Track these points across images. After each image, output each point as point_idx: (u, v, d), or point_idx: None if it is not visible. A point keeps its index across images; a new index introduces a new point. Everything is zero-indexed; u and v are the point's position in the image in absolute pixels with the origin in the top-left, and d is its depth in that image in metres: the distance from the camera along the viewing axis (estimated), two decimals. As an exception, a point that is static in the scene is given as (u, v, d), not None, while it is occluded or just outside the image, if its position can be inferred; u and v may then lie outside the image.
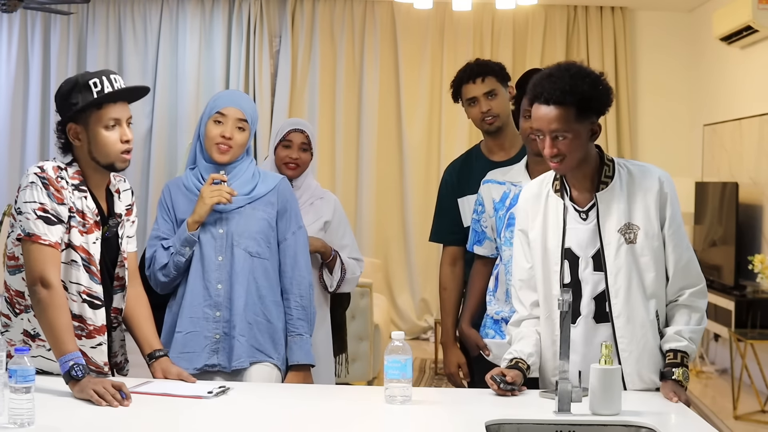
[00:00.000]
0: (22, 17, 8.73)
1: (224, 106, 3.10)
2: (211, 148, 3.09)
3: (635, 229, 2.70)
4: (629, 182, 2.74)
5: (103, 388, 2.50)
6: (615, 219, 2.71)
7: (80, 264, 2.72)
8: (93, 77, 2.71)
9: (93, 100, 2.69)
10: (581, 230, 2.74)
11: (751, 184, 6.96)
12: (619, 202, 2.71)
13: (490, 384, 2.68)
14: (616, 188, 2.72)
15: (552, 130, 2.64)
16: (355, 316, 6.00)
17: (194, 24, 8.78)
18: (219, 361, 3.01)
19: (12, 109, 8.78)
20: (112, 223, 2.81)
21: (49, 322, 2.60)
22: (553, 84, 2.64)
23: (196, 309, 3.03)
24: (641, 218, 2.71)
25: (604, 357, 2.49)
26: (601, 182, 2.73)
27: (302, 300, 3.10)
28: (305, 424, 2.45)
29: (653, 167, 2.80)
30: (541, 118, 2.65)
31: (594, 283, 2.72)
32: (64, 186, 2.71)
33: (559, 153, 2.65)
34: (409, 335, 8.58)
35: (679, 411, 2.60)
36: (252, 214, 3.08)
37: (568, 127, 2.64)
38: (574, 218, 2.75)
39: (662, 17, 8.73)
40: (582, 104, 2.64)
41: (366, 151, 8.76)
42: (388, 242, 8.85)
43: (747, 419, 5.96)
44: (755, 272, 6.10)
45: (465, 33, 8.74)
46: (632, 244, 2.70)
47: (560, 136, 2.64)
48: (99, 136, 2.72)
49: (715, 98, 7.99)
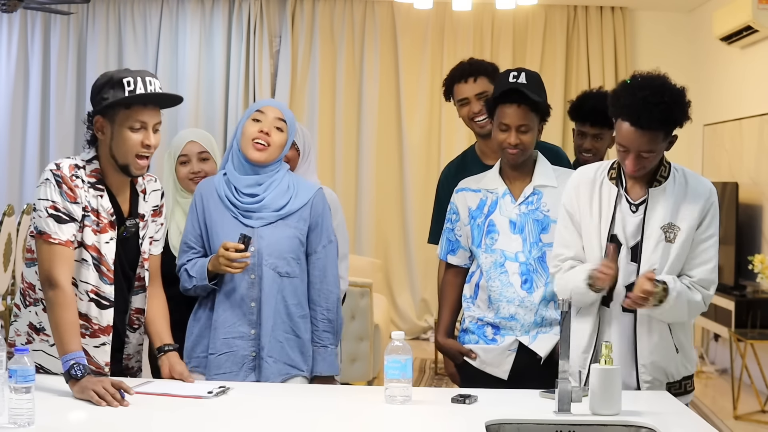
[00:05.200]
0: (22, 17, 8.73)
1: (264, 105, 3.09)
2: (247, 146, 3.02)
3: (676, 229, 2.81)
4: (682, 185, 2.86)
5: (102, 388, 2.50)
6: (660, 216, 2.81)
7: (90, 263, 2.72)
8: (128, 76, 2.70)
9: (122, 99, 2.69)
10: (629, 221, 2.85)
11: (751, 184, 6.96)
12: (668, 200, 2.82)
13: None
14: (668, 188, 2.84)
15: (641, 151, 2.75)
16: (355, 316, 6.00)
17: (194, 24, 8.78)
18: (257, 378, 2.99)
19: (12, 109, 8.78)
20: (129, 223, 2.80)
21: (55, 320, 2.62)
22: (650, 111, 2.71)
23: (229, 329, 2.99)
24: (685, 220, 2.81)
25: (604, 357, 2.50)
26: (656, 180, 2.85)
27: (329, 313, 3.07)
28: (305, 424, 2.45)
29: (705, 178, 2.94)
30: (633, 139, 2.74)
31: (628, 272, 2.82)
32: (79, 185, 2.71)
33: (642, 167, 2.77)
34: (409, 335, 8.58)
35: (679, 411, 2.60)
36: (283, 232, 3.02)
37: (656, 147, 2.76)
38: (625, 208, 2.85)
39: (662, 17, 8.73)
40: (670, 129, 2.77)
41: (366, 151, 8.76)
42: (388, 242, 8.85)
43: (747, 419, 5.96)
44: (755, 272, 6.09)
45: (465, 33, 8.74)
46: (670, 243, 2.80)
47: (646, 155, 2.75)
48: (122, 134, 2.71)
49: (715, 98, 7.99)
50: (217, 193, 3.05)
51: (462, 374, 3.35)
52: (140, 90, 2.69)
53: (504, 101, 3.14)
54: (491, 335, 3.20)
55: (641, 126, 2.71)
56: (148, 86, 2.71)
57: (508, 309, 3.14)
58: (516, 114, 3.11)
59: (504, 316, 3.16)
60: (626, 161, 2.78)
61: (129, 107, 2.70)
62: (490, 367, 3.19)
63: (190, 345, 3.02)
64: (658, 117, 2.71)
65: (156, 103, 2.76)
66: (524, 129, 3.12)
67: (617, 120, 2.78)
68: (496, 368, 3.18)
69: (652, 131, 2.72)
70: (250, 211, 3.02)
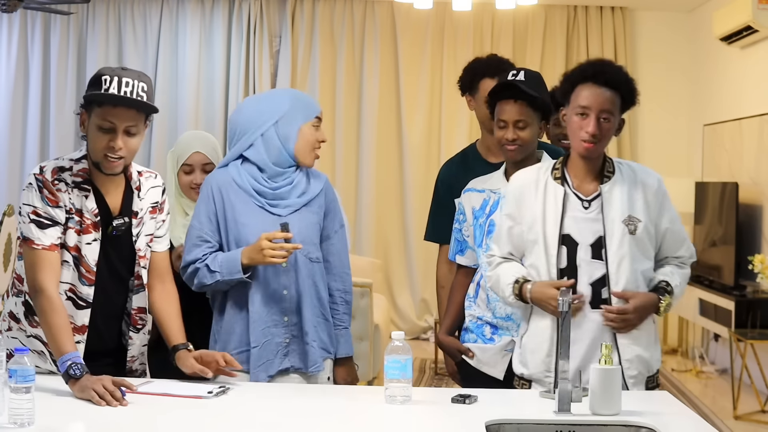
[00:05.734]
0: (22, 17, 8.73)
1: (320, 111, 3.11)
2: (307, 152, 3.05)
3: (636, 221, 2.81)
4: (631, 177, 2.86)
5: (102, 387, 2.50)
6: (618, 209, 2.81)
7: (71, 263, 2.72)
8: (107, 74, 2.65)
9: (91, 95, 2.65)
10: (581, 218, 2.83)
11: (751, 184, 6.96)
12: (622, 193, 2.83)
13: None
14: (618, 181, 2.85)
15: (602, 110, 2.77)
16: (355, 316, 5.97)
17: (194, 24, 8.78)
18: (291, 363, 3.03)
19: (12, 109, 8.78)
20: (117, 222, 2.77)
21: (47, 326, 2.63)
22: (613, 70, 2.81)
23: (266, 320, 3.01)
24: (642, 211, 2.83)
25: (604, 357, 2.50)
26: (605, 176, 2.85)
27: (347, 295, 3.17)
28: (305, 424, 2.45)
29: (650, 169, 2.96)
30: (595, 96, 2.77)
31: (592, 269, 2.80)
32: (62, 188, 2.69)
33: (599, 134, 2.77)
34: (409, 335, 8.58)
35: (679, 411, 2.60)
36: (308, 218, 3.06)
37: (615, 111, 2.79)
38: (576, 206, 2.83)
39: (662, 17, 8.73)
40: (627, 97, 2.81)
41: (366, 151, 8.76)
42: (388, 242, 8.85)
43: (747, 419, 5.97)
44: (755, 272, 6.09)
45: (465, 33, 8.74)
46: (633, 235, 2.80)
47: (605, 119, 2.77)
48: (92, 133, 2.68)
49: (715, 98, 7.99)
50: (237, 183, 3.03)
51: (461, 373, 3.36)
52: (113, 90, 2.62)
53: (501, 98, 3.15)
54: (489, 335, 3.21)
55: (605, 82, 2.77)
56: (123, 87, 2.63)
57: (505, 309, 3.15)
58: (513, 110, 3.12)
59: (501, 316, 3.17)
60: (586, 128, 2.76)
61: (101, 105, 2.65)
62: (486, 367, 3.20)
63: (222, 345, 3.00)
64: (616, 74, 2.79)
65: (130, 106, 2.66)
66: (522, 125, 3.12)
67: (574, 90, 2.81)
68: (492, 368, 3.19)
69: (612, 91, 2.77)
70: (277, 199, 3.03)
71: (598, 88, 2.77)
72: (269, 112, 3.04)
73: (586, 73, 2.81)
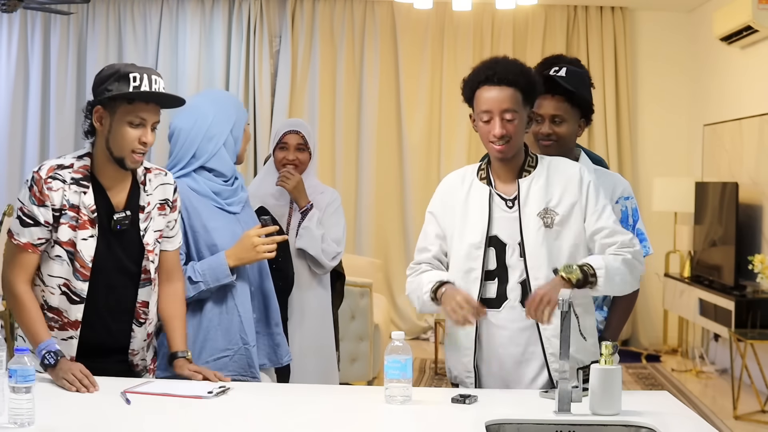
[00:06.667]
0: (22, 17, 8.73)
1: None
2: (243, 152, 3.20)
3: (552, 214, 2.79)
4: (550, 170, 2.84)
5: (72, 375, 2.59)
6: (534, 204, 2.80)
7: (64, 259, 2.74)
8: (135, 71, 2.72)
9: (126, 93, 2.69)
10: (507, 218, 2.81)
11: (751, 184, 6.96)
12: (539, 188, 2.81)
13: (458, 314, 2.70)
14: (536, 175, 2.83)
15: (503, 110, 2.74)
16: (355, 316, 6.00)
17: (194, 24, 8.78)
18: (260, 360, 3.13)
19: (12, 109, 8.77)
20: (118, 216, 2.78)
21: (21, 321, 2.75)
22: (505, 67, 2.76)
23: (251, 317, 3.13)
24: (560, 203, 2.79)
25: (604, 357, 2.50)
26: (524, 170, 2.84)
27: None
28: (305, 424, 2.45)
29: (575, 163, 2.90)
30: (493, 98, 2.75)
31: (520, 269, 2.79)
32: (54, 186, 2.71)
33: (507, 134, 2.75)
34: (409, 335, 8.58)
35: (679, 411, 2.60)
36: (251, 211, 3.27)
37: (518, 108, 2.76)
38: (500, 207, 2.82)
39: (662, 17, 8.73)
40: (528, 88, 2.78)
41: (366, 151, 8.76)
42: (388, 242, 8.85)
43: (747, 419, 5.97)
44: (755, 272, 6.09)
45: (465, 33, 8.74)
46: (549, 228, 2.78)
47: (510, 118, 2.74)
48: (121, 128, 2.72)
49: (715, 98, 7.99)
50: (196, 190, 3.07)
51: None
52: (145, 87, 2.71)
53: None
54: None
55: (499, 81, 2.74)
56: (153, 84, 2.73)
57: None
58: (550, 104, 3.04)
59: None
60: (493, 131, 2.74)
61: (131, 102, 2.72)
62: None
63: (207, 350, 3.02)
64: (513, 71, 2.75)
65: (158, 102, 2.78)
66: (558, 120, 3.05)
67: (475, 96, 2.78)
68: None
69: (510, 88, 2.74)
70: (231, 197, 3.09)
71: (494, 89, 2.74)
72: (225, 120, 3.08)
73: (479, 76, 2.78)
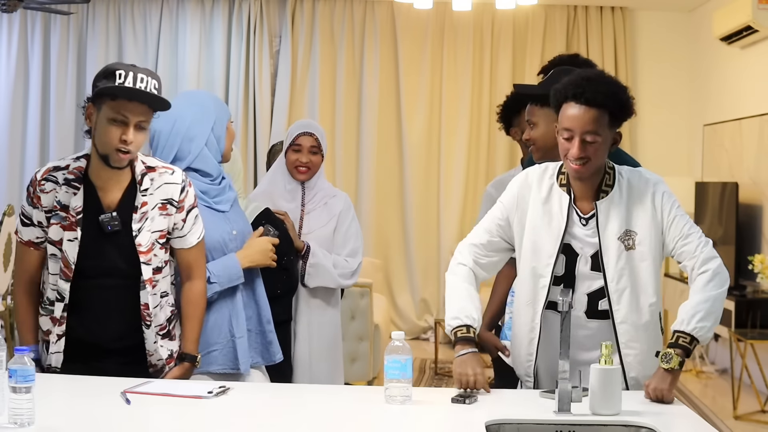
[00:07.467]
0: (22, 17, 8.73)
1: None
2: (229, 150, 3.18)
3: (633, 235, 2.73)
4: (627, 190, 2.76)
5: None
6: (614, 227, 2.73)
7: (58, 258, 2.79)
8: (122, 68, 2.71)
9: (107, 88, 2.69)
10: (582, 233, 2.76)
11: (751, 184, 6.96)
12: (618, 210, 2.73)
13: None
14: (615, 197, 2.75)
15: (585, 131, 2.64)
16: (355, 316, 6.00)
17: (194, 24, 8.78)
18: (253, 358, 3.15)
19: (12, 109, 8.77)
20: (104, 217, 2.76)
21: (15, 321, 2.88)
22: (595, 87, 2.64)
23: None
24: (639, 225, 2.74)
25: (604, 357, 2.50)
26: (602, 191, 2.75)
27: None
28: (305, 423, 2.45)
29: (645, 171, 2.82)
30: (576, 117, 2.64)
31: (590, 281, 2.75)
32: (47, 188, 2.76)
33: (586, 156, 2.66)
34: (409, 335, 8.58)
35: (679, 411, 2.60)
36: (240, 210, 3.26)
37: (601, 131, 2.65)
38: (576, 221, 2.77)
39: (662, 17, 8.73)
40: (617, 111, 2.67)
41: (366, 151, 8.76)
42: (388, 242, 8.85)
43: (747, 419, 5.97)
44: (755, 272, 6.10)
45: (465, 33, 8.74)
46: (632, 250, 2.73)
47: (591, 140, 2.64)
48: (103, 125, 2.72)
49: (715, 98, 7.99)
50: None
51: (496, 368, 3.39)
52: (129, 84, 2.69)
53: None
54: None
55: (586, 101, 2.62)
56: (138, 82, 2.70)
57: None
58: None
59: None
60: (571, 150, 2.65)
61: (114, 99, 2.70)
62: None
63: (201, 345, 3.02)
64: (602, 91, 2.63)
65: (143, 100, 2.72)
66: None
67: (561, 108, 2.69)
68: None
69: (596, 108, 2.63)
70: (219, 196, 3.09)
71: (580, 108, 2.64)
72: (204, 120, 3.06)
73: (567, 92, 2.68)
